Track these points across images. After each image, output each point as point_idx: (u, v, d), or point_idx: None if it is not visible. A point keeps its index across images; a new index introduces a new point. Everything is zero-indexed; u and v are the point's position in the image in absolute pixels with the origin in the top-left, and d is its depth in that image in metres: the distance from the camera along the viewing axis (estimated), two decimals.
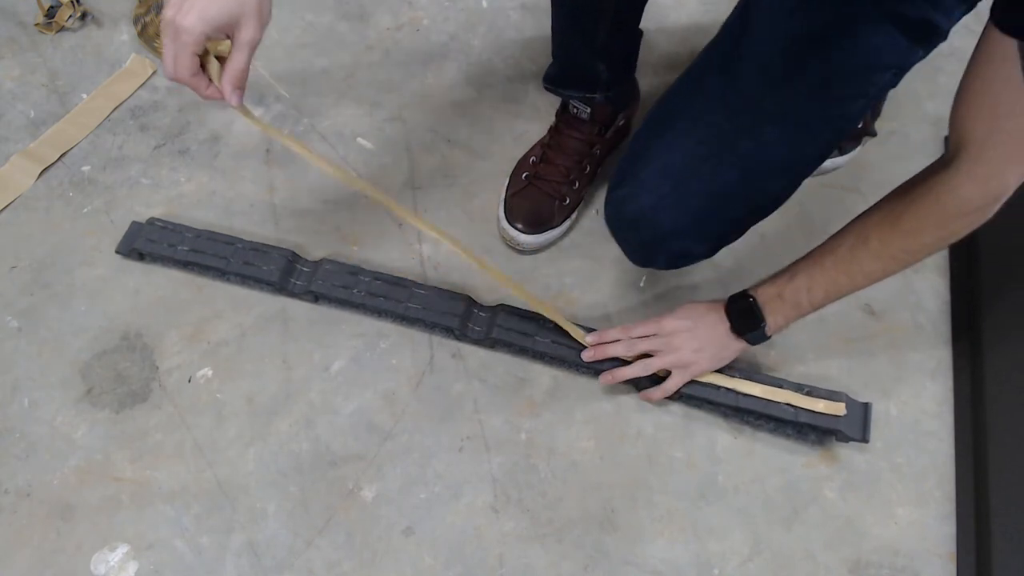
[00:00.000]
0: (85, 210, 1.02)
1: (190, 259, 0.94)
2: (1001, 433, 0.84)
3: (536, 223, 0.97)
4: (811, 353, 0.93)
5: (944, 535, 0.83)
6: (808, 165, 0.80)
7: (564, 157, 0.99)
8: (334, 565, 0.81)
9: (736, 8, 0.80)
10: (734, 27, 0.80)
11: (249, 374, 0.91)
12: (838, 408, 0.84)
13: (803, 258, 0.78)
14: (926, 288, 0.98)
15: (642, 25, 0.92)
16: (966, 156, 0.64)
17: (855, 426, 0.85)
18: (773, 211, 0.82)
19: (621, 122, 1.01)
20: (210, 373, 0.91)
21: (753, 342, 0.83)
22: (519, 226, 0.97)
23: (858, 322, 0.96)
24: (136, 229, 0.98)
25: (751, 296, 0.81)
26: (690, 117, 0.80)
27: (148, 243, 0.96)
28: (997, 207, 0.68)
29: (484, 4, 1.22)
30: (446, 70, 1.16)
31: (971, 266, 0.96)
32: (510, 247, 1.00)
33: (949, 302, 0.97)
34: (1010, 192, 0.66)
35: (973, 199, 0.66)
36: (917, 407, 0.90)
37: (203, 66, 0.67)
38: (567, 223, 1.00)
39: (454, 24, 1.20)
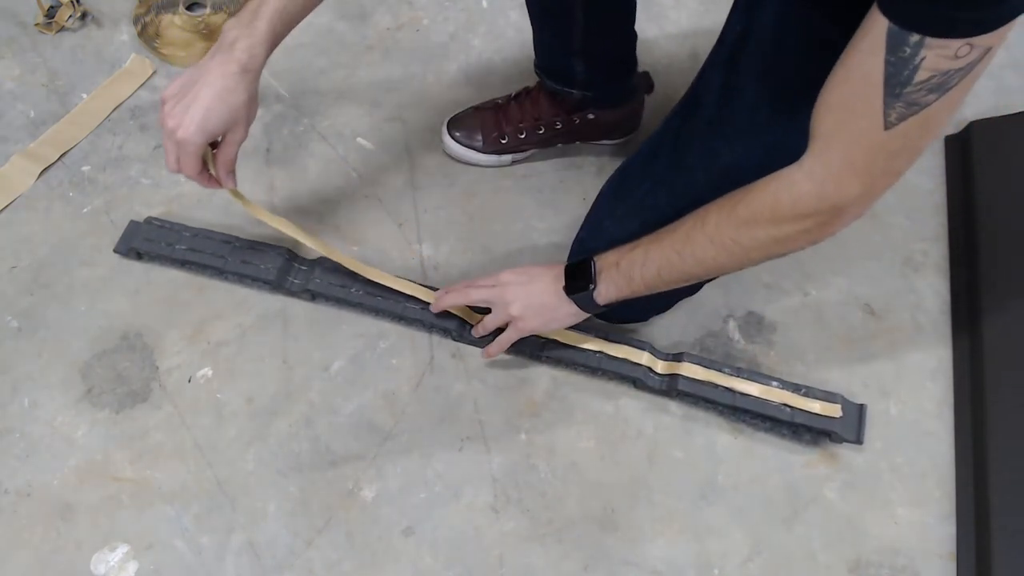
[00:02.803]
0: (85, 210, 1.02)
1: (188, 258, 0.94)
2: (1001, 433, 0.84)
3: (466, 136, 1.05)
4: (811, 353, 0.93)
5: (944, 535, 0.83)
6: None
7: (520, 111, 1.03)
8: (334, 565, 0.81)
9: (694, 81, 0.80)
10: (689, 102, 0.80)
11: (249, 374, 0.91)
12: (834, 410, 0.84)
13: (653, 233, 0.74)
14: (926, 288, 0.98)
15: (642, 25, 0.92)
16: (810, 151, 0.60)
17: (850, 427, 0.85)
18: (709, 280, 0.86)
19: (591, 116, 1.02)
20: (210, 373, 0.91)
21: (583, 306, 0.79)
22: (456, 135, 1.05)
23: (858, 322, 0.96)
24: (134, 228, 0.98)
25: (592, 260, 0.78)
26: (639, 195, 0.83)
27: (146, 242, 0.96)
28: (837, 224, 0.62)
29: (484, 4, 1.22)
30: (446, 70, 1.16)
31: (971, 266, 0.96)
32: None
33: (949, 302, 0.97)
34: (851, 210, 0.60)
35: (806, 200, 0.61)
36: (917, 407, 0.90)
37: None
38: (493, 158, 1.06)
39: (454, 24, 1.20)
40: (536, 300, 0.81)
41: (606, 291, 0.76)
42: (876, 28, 0.51)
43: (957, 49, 0.48)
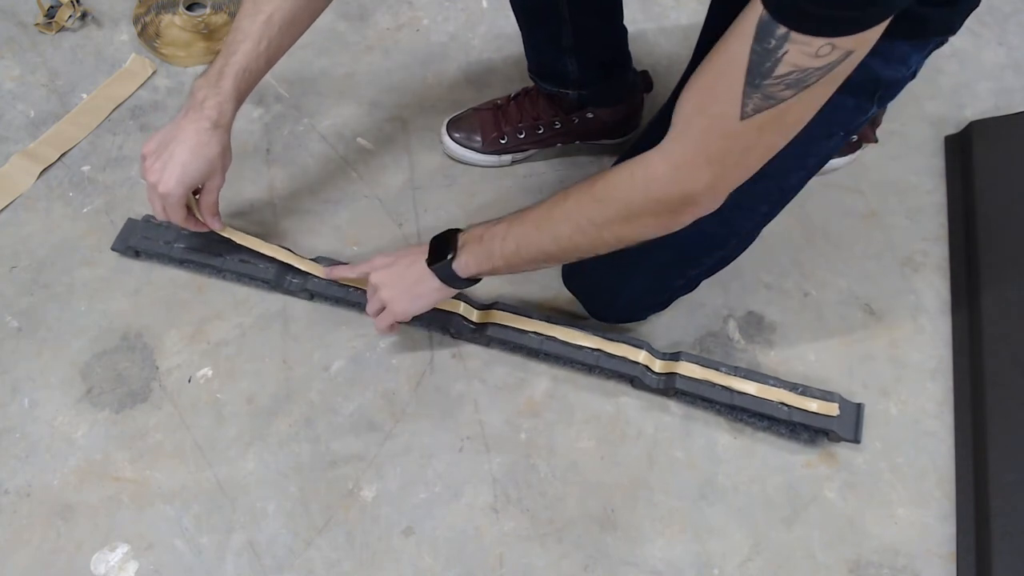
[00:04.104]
0: (85, 210, 1.02)
1: (185, 256, 0.94)
2: (1001, 433, 0.84)
3: (466, 137, 1.05)
4: (811, 353, 0.94)
5: (944, 535, 0.83)
6: (746, 238, 0.81)
7: (519, 111, 1.04)
8: (334, 565, 0.81)
9: (679, 81, 0.80)
10: (673, 101, 0.80)
11: (249, 374, 0.91)
12: (831, 408, 0.84)
13: (522, 209, 0.73)
14: (926, 288, 0.98)
15: (642, 25, 0.92)
16: (669, 133, 0.60)
17: (848, 426, 0.85)
18: (708, 277, 0.87)
19: (589, 116, 1.03)
20: (210, 373, 0.91)
21: (445, 279, 0.77)
22: (455, 135, 1.05)
23: (858, 322, 0.96)
24: (131, 226, 0.97)
25: (457, 231, 0.77)
26: None
27: (144, 240, 0.95)
28: (686, 214, 0.62)
29: (484, 4, 1.22)
30: (446, 70, 1.16)
31: (971, 266, 0.96)
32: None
33: (949, 302, 0.97)
34: (700, 200, 0.60)
35: (658, 183, 0.60)
36: (917, 407, 0.90)
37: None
38: (492, 159, 1.06)
39: (454, 24, 1.20)
40: (402, 280, 0.81)
41: (466, 263, 0.75)
42: (752, 14, 0.51)
43: (819, 48, 0.48)
